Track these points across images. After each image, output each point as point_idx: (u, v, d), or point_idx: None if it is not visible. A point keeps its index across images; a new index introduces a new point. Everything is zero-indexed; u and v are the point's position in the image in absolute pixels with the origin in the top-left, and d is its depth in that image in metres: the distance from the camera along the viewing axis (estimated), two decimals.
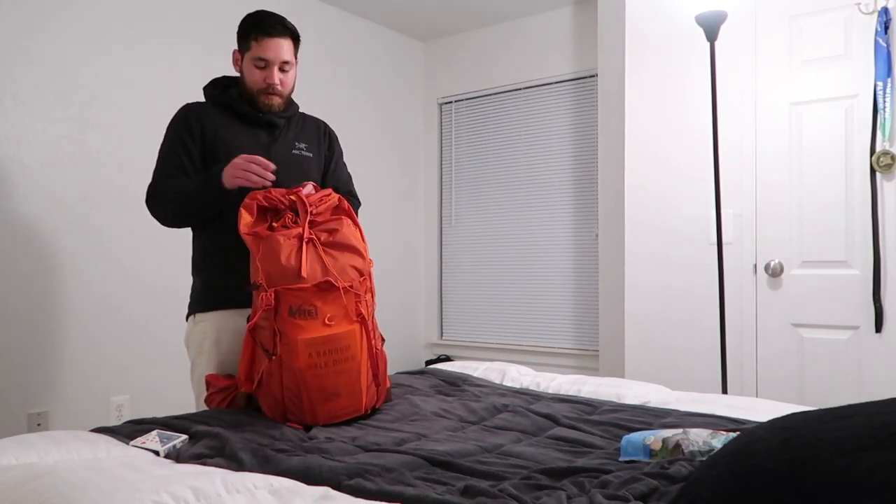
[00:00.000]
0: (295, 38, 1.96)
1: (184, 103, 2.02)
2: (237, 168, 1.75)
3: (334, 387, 1.56)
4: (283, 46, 1.91)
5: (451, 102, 4.67)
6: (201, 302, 1.93)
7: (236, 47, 1.99)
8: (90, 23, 3.01)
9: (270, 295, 1.55)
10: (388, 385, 1.79)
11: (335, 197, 1.78)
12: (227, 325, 1.88)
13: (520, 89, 4.36)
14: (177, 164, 1.90)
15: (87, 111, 3.00)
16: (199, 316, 1.92)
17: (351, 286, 1.62)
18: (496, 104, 4.47)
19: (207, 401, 1.78)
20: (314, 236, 1.64)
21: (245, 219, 1.66)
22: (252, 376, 1.65)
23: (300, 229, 1.63)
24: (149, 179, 3.17)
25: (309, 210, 1.68)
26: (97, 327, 3.02)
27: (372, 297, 1.72)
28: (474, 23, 4.42)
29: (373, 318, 1.71)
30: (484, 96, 4.51)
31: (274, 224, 1.67)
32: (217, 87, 2.02)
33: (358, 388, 1.60)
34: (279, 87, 1.93)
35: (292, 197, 1.70)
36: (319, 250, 1.62)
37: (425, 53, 4.76)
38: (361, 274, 1.68)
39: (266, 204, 1.68)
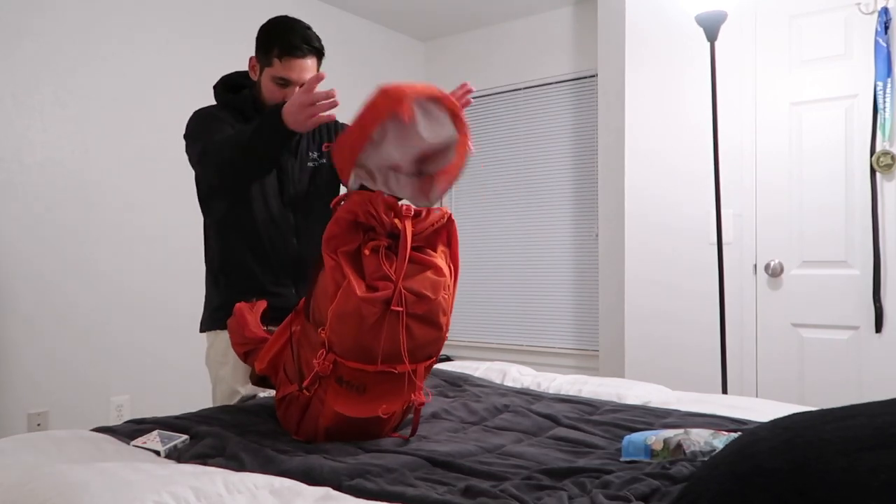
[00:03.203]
0: (320, 56, 1.82)
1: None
2: (301, 108, 1.54)
3: (351, 442, 1.44)
4: (308, 67, 1.78)
5: None
6: (221, 318, 1.84)
7: (254, 54, 1.85)
8: (90, 23, 3.01)
9: (328, 364, 1.35)
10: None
11: (445, 219, 1.46)
12: None
13: (520, 89, 4.36)
14: (224, 129, 1.77)
15: (87, 111, 3.00)
16: (221, 333, 1.85)
17: (416, 370, 1.41)
18: (496, 104, 4.47)
19: (229, 330, 1.68)
20: (401, 307, 1.34)
21: (331, 230, 1.38)
22: (276, 365, 1.54)
23: (389, 292, 1.33)
24: (148, 179, 3.19)
25: (409, 243, 1.37)
26: (97, 328, 3.01)
27: (429, 371, 1.50)
28: (474, 23, 4.42)
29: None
30: (484, 96, 4.51)
31: (365, 250, 1.36)
32: (228, 89, 1.91)
33: (377, 437, 1.48)
34: None
35: (395, 221, 1.38)
36: (401, 324, 1.35)
37: (425, 53, 4.76)
38: (430, 356, 1.45)
39: (363, 220, 1.37)
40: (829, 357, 2.69)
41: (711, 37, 2.62)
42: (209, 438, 1.34)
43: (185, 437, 1.35)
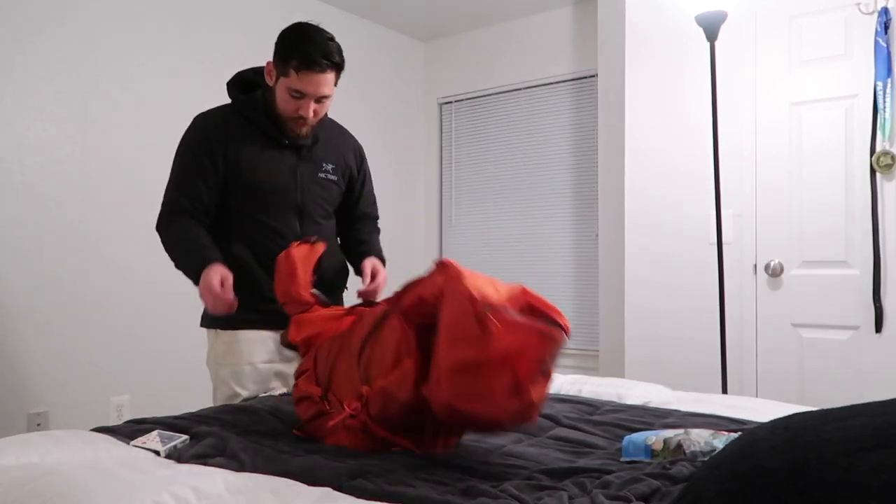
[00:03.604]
0: (340, 70, 1.76)
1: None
2: (205, 289, 1.66)
3: None
4: (326, 81, 1.72)
5: (451, 102, 4.67)
6: (220, 318, 1.83)
7: (272, 59, 1.77)
8: (90, 23, 3.01)
9: (358, 423, 1.27)
10: None
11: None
12: (254, 338, 1.80)
13: (520, 89, 4.36)
14: (193, 192, 1.77)
15: (87, 111, 3.00)
16: (221, 333, 1.86)
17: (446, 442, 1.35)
18: (496, 104, 4.47)
19: (276, 271, 1.62)
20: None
21: (413, 301, 1.23)
22: (308, 345, 1.50)
23: None
24: (148, 179, 3.19)
25: None
26: (97, 327, 3.01)
27: None
28: (474, 23, 4.42)
29: None
30: (484, 96, 4.51)
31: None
32: (242, 88, 1.85)
33: None
34: (311, 118, 1.78)
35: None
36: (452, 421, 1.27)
37: (425, 53, 4.76)
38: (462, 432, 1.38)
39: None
40: (829, 357, 2.69)
41: (711, 37, 2.62)
42: (209, 438, 1.33)
43: (185, 437, 1.35)
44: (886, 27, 2.54)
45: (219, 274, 1.66)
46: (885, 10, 2.55)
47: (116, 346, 3.08)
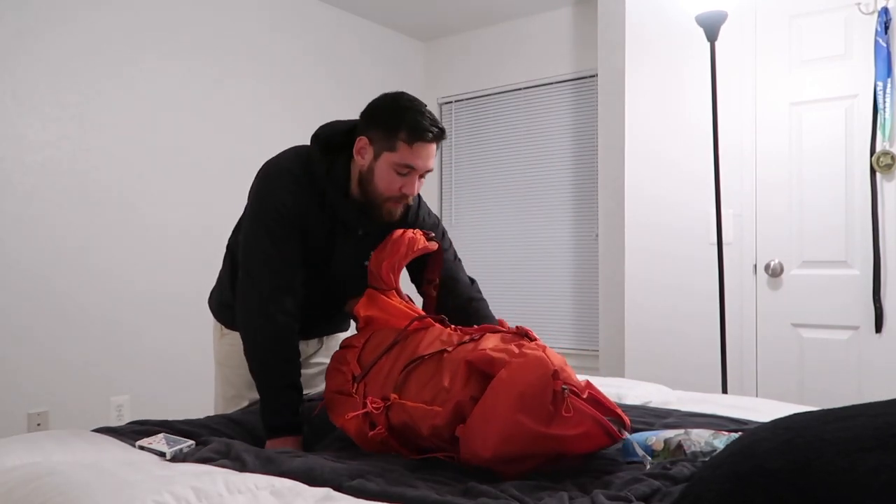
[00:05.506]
0: (443, 139, 1.55)
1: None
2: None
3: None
4: (433, 153, 1.52)
5: (451, 102, 4.67)
6: (230, 317, 1.78)
7: (362, 134, 1.54)
8: (90, 23, 3.01)
9: (381, 423, 1.30)
10: None
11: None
12: None
13: (520, 89, 4.36)
14: (297, 275, 1.55)
15: (87, 111, 3.00)
16: (226, 332, 1.84)
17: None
18: (496, 104, 4.47)
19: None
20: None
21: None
22: (369, 321, 1.51)
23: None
24: (149, 179, 3.19)
25: None
26: (97, 327, 3.01)
27: None
28: (475, 23, 4.42)
29: None
30: (484, 96, 4.51)
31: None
32: (324, 148, 1.59)
33: None
34: (412, 197, 1.57)
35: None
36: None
37: (426, 53, 4.76)
38: None
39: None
40: (829, 357, 2.69)
41: (711, 37, 2.62)
42: (215, 443, 1.33)
43: (191, 441, 1.35)
44: (886, 27, 2.54)
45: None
46: (885, 10, 2.55)
47: (116, 347, 3.08)
